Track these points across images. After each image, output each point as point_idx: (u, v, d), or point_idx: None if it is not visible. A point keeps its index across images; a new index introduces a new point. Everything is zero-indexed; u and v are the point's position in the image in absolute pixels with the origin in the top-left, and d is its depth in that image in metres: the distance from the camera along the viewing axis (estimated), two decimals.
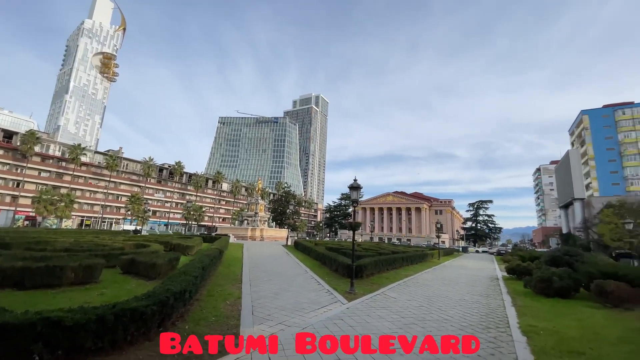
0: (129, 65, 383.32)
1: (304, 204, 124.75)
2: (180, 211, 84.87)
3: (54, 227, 57.62)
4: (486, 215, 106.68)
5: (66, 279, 8.54)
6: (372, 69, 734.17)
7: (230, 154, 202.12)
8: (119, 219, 74.39)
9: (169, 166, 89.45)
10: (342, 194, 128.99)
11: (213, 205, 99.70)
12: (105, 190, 72.76)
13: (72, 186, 66.84)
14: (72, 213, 62.25)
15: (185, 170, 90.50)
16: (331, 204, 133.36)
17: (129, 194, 70.25)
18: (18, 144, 59.55)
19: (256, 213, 54.26)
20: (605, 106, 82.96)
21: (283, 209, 62.50)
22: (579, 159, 66.87)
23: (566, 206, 69.42)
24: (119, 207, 74.08)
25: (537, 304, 10.76)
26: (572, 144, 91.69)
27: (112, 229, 67.21)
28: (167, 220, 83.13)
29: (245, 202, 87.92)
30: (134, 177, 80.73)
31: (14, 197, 58.87)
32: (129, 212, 68.28)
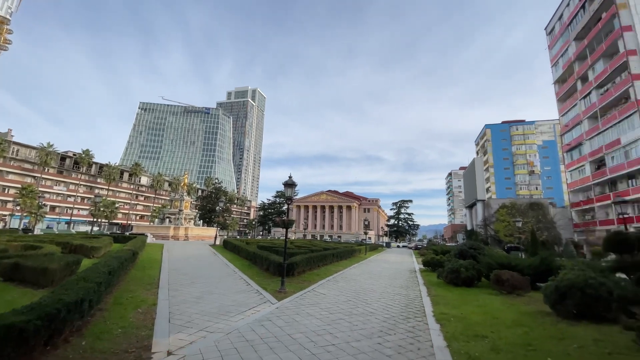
0: (26, 34, 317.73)
1: (236, 201, 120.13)
2: (88, 207, 73.91)
3: None
4: (407, 213, 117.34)
5: None
6: (311, 69, 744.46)
7: (152, 144, 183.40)
8: (5, 216, 61.35)
9: (75, 154, 76.93)
10: (277, 192, 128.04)
11: (129, 201, 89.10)
12: None
13: None
14: None
15: (95, 160, 78.95)
16: (265, 201, 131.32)
17: (20, 186, 58.40)
18: None
19: (180, 210, 50.16)
20: (503, 122, 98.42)
21: (212, 207, 58.99)
22: (482, 166, 77.93)
23: (471, 206, 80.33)
24: (6, 201, 61.10)
25: (448, 293, 12.03)
26: (477, 153, 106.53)
27: None
28: (69, 218, 71.37)
29: (168, 198, 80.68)
30: (28, 166, 67.37)
31: None
32: (19, 207, 56.77)
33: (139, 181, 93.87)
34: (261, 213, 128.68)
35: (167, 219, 50.20)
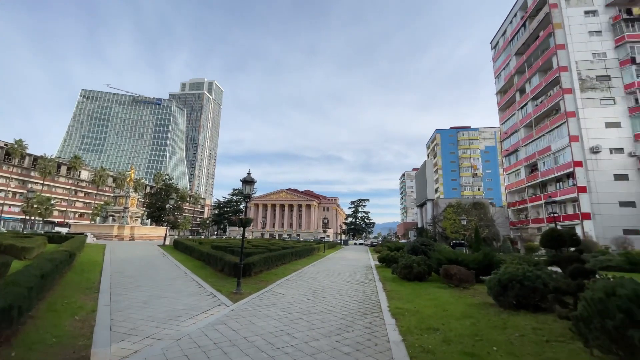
0: None
1: (188, 199, 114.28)
2: (20, 203, 65.20)
3: None
4: (364, 212, 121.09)
5: None
6: (272, 65, 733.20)
7: (95, 136, 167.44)
8: None
9: (6, 144, 67.45)
10: (234, 189, 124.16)
11: (67, 198, 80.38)
12: None
13: None
14: None
15: (29, 151, 70.07)
16: (221, 199, 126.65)
17: None
18: None
19: (126, 208, 46.35)
20: (451, 128, 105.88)
21: (162, 204, 55.35)
22: (432, 168, 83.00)
23: (421, 205, 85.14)
24: None
25: (401, 288, 12.51)
26: (428, 156, 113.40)
27: None
28: None
29: (112, 194, 73.99)
30: None
31: None
32: None
33: (79, 175, 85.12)
34: (216, 212, 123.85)
35: (111, 217, 46.07)
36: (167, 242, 33.88)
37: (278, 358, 5.16)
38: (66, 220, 73.92)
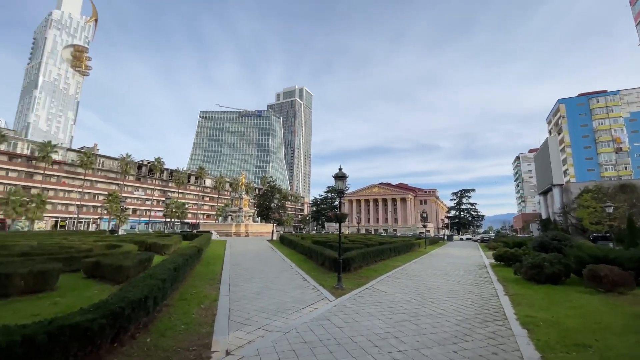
0: (103, 59, 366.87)
1: (290, 198, 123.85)
2: (162, 209, 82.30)
3: (25, 229, 54.53)
4: (469, 203, 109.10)
5: (15, 287, 7.46)
6: (357, 61, 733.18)
7: (213, 149, 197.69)
8: (97, 219, 71.33)
9: (149, 162, 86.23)
10: (329, 187, 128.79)
11: (196, 202, 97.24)
12: (80, 190, 69.35)
13: (43, 186, 63.25)
14: (45, 214, 59.01)
15: (165, 166, 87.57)
16: (317, 197, 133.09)
17: (107, 193, 67.28)
18: None
19: (240, 208, 53.00)
20: (580, 95, 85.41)
21: (268, 204, 61.41)
22: (557, 147, 68.67)
23: (545, 192, 71.47)
24: (97, 207, 70.92)
25: (529, 292, 10.46)
26: (550, 132, 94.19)
27: (90, 229, 64.30)
28: (148, 219, 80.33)
29: (229, 197, 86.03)
30: (111, 175, 77.34)
31: None
32: (107, 211, 65.51)
33: (204, 183, 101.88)
34: (314, 209, 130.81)
35: (229, 217, 53.46)
36: (274, 237, 37.20)
37: None
38: (197, 221, 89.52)
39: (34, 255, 11.19)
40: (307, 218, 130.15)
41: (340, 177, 11.35)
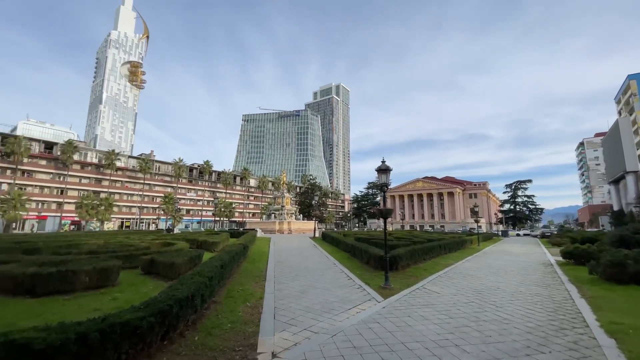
0: (154, 72, 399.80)
1: (330, 195, 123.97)
2: (212, 208, 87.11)
3: (97, 229, 61.07)
4: (525, 196, 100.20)
5: (80, 283, 8.07)
6: (394, 53, 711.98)
7: (256, 150, 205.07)
8: (155, 219, 77.66)
9: (199, 166, 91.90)
10: (369, 183, 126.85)
11: (242, 201, 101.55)
12: (140, 192, 76.03)
13: (110, 190, 70.36)
14: (112, 216, 65.62)
15: (213, 168, 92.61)
16: (358, 193, 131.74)
17: (163, 195, 72.93)
18: (58, 153, 63.34)
19: (282, 206, 54.07)
20: None
21: (309, 201, 61.96)
22: (629, 128, 60.17)
23: (616, 181, 63.12)
24: (155, 208, 77.19)
25: (611, 294, 9.04)
26: (620, 113, 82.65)
27: (150, 229, 70.23)
28: (200, 218, 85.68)
29: (272, 196, 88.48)
30: (167, 179, 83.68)
31: (59, 204, 62.93)
32: (163, 212, 70.96)
33: (249, 183, 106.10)
34: (355, 205, 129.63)
35: (273, 215, 54.86)
36: (317, 235, 37.29)
37: None
38: (244, 219, 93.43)
39: (99, 253, 12.19)
40: (349, 215, 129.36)
41: (383, 170, 10.73)
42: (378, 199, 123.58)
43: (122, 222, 72.80)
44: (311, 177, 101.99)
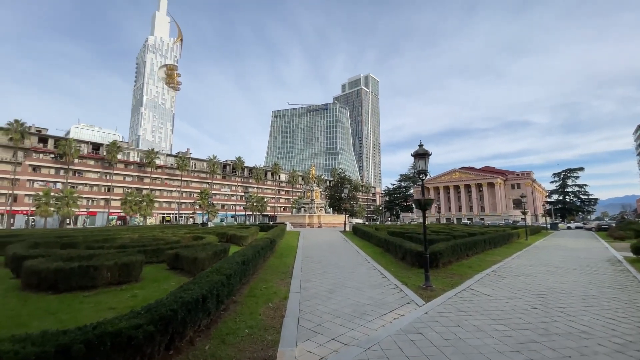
0: (189, 73, 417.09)
1: (360, 189, 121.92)
2: (244, 203, 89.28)
3: (140, 224, 64.78)
4: (576, 185, 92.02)
5: (102, 279, 7.83)
6: (425, 40, 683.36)
7: (285, 146, 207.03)
8: (192, 214, 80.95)
9: (232, 162, 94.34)
10: (401, 175, 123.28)
11: (273, 196, 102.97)
12: (178, 189, 79.54)
13: (151, 187, 74.30)
14: (154, 211, 69.27)
15: (245, 164, 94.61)
16: (390, 186, 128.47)
17: (199, 191, 75.70)
18: (104, 154, 67.78)
19: (312, 200, 53.58)
20: None
21: (339, 195, 60.96)
22: None
23: None
24: (192, 203, 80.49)
25: None
26: None
27: (188, 223, 73.34)
28: (234, 212, 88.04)
29: (301, 190, 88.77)
30: (202, 175, 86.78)
31: (107, 201, 67.49)
32: (199, 207, 73.71)
33: (279, 178, 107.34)
34: (387, 198, 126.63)
35: (302, 209, 54.61)
36: (347, 228, 36.29)
37: None
38: (275, 214, 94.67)
39: (128, 247, 12.17)
40: (380, 208, 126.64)
41: (421, 154, 9.46)
42: (411, 191, 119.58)
43: (163, 217, 76.69)
44: (340, 170, 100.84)
